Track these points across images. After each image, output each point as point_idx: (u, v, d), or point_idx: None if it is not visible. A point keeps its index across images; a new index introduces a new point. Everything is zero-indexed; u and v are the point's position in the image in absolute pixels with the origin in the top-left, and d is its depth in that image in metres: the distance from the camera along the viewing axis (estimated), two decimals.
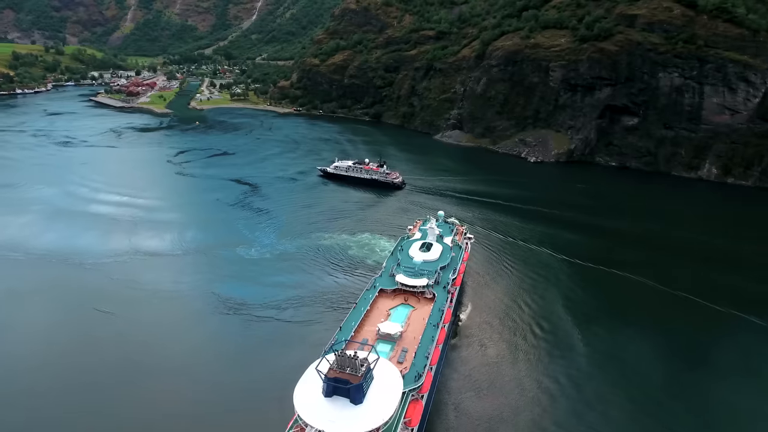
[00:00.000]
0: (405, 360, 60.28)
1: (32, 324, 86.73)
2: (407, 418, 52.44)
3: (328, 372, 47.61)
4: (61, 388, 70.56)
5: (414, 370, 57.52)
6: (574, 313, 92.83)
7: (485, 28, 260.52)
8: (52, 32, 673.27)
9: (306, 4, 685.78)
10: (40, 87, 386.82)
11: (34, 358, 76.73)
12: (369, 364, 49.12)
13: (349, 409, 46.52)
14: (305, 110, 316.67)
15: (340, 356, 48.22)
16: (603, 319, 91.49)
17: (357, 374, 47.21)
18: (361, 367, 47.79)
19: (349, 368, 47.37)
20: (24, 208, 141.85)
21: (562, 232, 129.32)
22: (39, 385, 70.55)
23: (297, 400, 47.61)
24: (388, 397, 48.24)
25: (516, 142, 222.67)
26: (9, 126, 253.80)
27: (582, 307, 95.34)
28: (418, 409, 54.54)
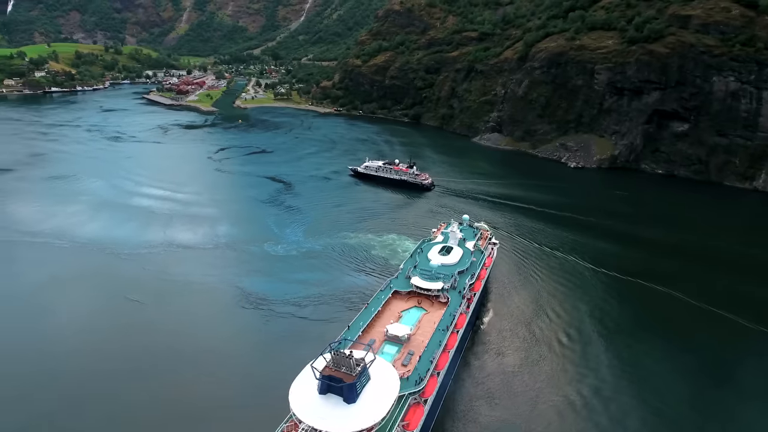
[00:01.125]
0: (410, 363, 59.56)
1: (67, 310, 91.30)
2: (406, 421, 51.78)
3: (323, 370, 47.77)
4: (82, 372, 73.80)
5: (416, 374, 56.71)
6: (600, 326, 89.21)
7: (529, 29, 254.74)
8: (113, 33, 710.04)
9: (353, 5, 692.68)
10: (99, 84, 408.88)
11: (63, 343, 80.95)
12: (365, 364, 48.81)
13: (342, 408, 46.43)
14: (345, 110, 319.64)
15: (336, 354, 48.28)
16: (631, 333, 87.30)
17: (351, 373, 47.13)
18: (356, 366, 47.61)
19: (344, 367, 47.31)
20: (73, 199, 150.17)
21: (596, 240, 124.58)
22: (62, 368, 74.29)
23: (292, 396, 48.01)
24: (382, 399, 47.81)
25: (556, 146, 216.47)
26: (67, 121, 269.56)
27: (610, 320, 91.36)
28: (418, 413, 53.74)
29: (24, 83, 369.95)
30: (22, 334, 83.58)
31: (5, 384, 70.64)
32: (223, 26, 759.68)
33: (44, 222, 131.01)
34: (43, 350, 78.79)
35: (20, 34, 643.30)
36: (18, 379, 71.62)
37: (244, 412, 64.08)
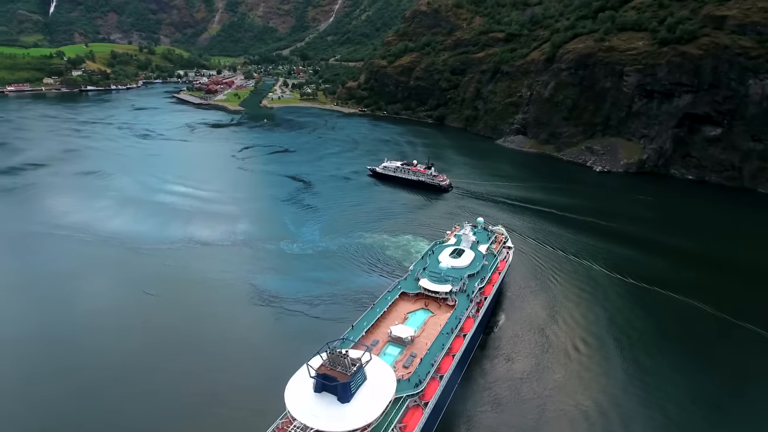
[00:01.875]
0: (411, 365, 59.10)
1: (83, 302, 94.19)
2: (403, 423, 51.40)
3: (318, 368, 47.80)
4: (85, 364, 75.94)
5: (416, 376, 56.17)
6: (617, 334, 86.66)
7: (557, 30, 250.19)
8: (149, 33, 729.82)
9: (382, 6, 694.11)
10: (132, 84, 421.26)
11: (74, 334, 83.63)
12: (361, 364, 48.60)
13: (335, 407, 46.37)
14: (370, 111, 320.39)
15: (332, 353, 48.24)
16: (648, 343, 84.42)
17: (346, 373, 47.03)
18: (351, 366, 47.50)
19: (339, 366, 47.25)
20: (100, 194, 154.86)
21: (617, 247, 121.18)
22: (68, 358, 76.88)
23: (288, 393, 48.24)
24: (377, 399, 47.51)
25: (582, 149, 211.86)
26: (100, 119, 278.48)
27: (627, 329, 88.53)
28: (417, 416, 53.25)
29: (62, 82, 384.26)
30: (38, 322, 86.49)
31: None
32: (253, 27, 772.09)
33: (72, 216, 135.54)
34: (53, 340, 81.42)
35: (61, 34, 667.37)
36: (28, 366, 74.19)
37: (244, 407, 64.58)
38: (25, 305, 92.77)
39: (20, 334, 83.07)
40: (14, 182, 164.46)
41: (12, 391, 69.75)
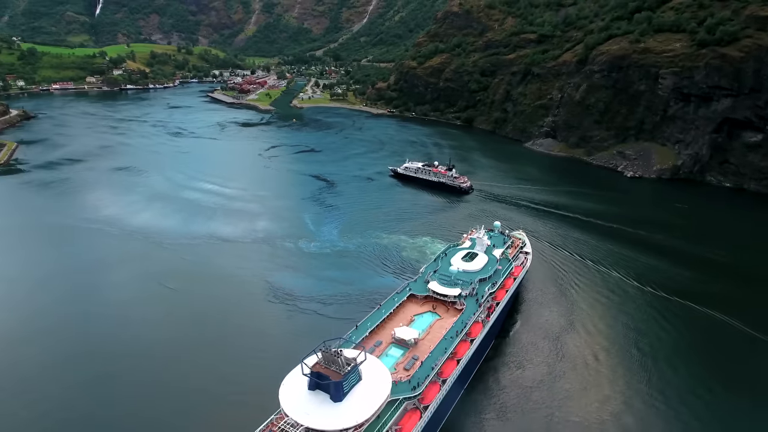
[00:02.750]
0: (412, 368, 58.52)
1: (102, 293, 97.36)
2: (399, 426, 50.94)
3: (313, 366, 47.84)
4: (103, 350, 78.50)
5: (414, 379, 55.54)
6: (636, 347, 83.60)
7: (591, 31, 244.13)
8: (188, 34, 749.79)
9: (415, 7, 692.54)
10: (169, 83, 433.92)
11: (94, 324, 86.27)
12: (355, 364, 48.39)
13: (327, 405, 46.35)
14: (398, 112, 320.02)
15: (326, 352, 48.20)
16: (669, 359, 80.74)
17: (339, 372, 46.90)
18: (345, 365, 47.39)
19: (333, 365, 47.14)
20: (130, 189, 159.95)
21: (642, 255, 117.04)
22: (87, 344, 79.50)
23: (282, 390, 48.50)
24: (370, 400, 47.20)
25: (613, 154, 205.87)
26: (136, 116, 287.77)
27: (648, 342, 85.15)
28: (414, 419, 52.76)
29: (103, 80, 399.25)
30: (65, 313, 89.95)
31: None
32: (288, 28, 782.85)
33: (102, 210, 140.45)
34: (73, 329, 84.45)
35: (105, 35, 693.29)
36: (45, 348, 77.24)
37: (246, 402, 64.93)
38: (55, 295, 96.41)
39: (45, 322, 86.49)
40: (52, 176, 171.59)
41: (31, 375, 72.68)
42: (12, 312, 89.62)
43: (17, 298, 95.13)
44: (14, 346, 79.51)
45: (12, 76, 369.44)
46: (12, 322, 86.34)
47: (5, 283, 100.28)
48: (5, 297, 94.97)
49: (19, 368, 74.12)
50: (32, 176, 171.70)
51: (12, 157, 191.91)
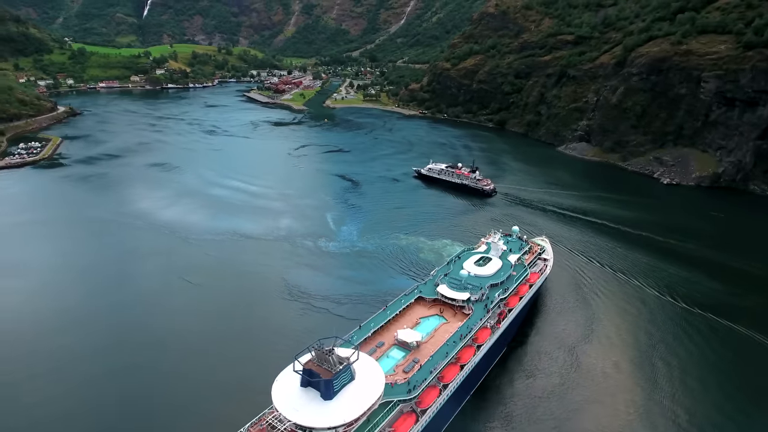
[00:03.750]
0: (411, 371, 57.97)
1: (131, 285, 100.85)
2: (392, 428, 50.58)
3: (305, 363, 48.10)
4: (129, 339, 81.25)
5: (411, 382, 54.94)
6: (658, 363, 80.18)
7: (631, 32, 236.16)
8: (229, 35, 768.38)
9: (453, 8, 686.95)
10: (208, 82, 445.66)
11: (116, 314, 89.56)
12: (348, 363, 48.33)
13: (317, 403, 46.50)
14: (430, 113, 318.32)
15: (319, 350, 48.32)
16: (693, 378, 76.80)
17: (330, 370, 46.97)
18: (337, 364, 47.46)
19: (325, 363, 47.28)
20: (161, 185, 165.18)
21: (672, 266, 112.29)
22: (106, 335, 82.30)
23: (276, 385, 49.01)
24: (360, 400, 47.03)
25: (650, 159, 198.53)
26: (174, 114, 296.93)
27: (671, 358, 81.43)
28: (409, 422, 52.34)
29: (146, 79, 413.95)
30: (88, 299, 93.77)
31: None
32: (326, 29, 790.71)
33: (133, 204, 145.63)
34: (97, 318, 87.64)
35: (152, 35, 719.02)
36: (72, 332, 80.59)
37: (245, 395, 65.43)
38: (84, 285, 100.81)
39: (67, 311, 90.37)
40: (91, 171, 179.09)
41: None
42: (45, 300, 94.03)
43: (52, 286, 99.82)
44: (52, 334, 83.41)
45: (62, 75, 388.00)
46: (45, 311, 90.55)
47: (41, 272, 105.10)
48: (41, 285, 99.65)
49: (54, 353, 77.73)
50: (72, 170, 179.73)
51: (56, 151, 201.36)
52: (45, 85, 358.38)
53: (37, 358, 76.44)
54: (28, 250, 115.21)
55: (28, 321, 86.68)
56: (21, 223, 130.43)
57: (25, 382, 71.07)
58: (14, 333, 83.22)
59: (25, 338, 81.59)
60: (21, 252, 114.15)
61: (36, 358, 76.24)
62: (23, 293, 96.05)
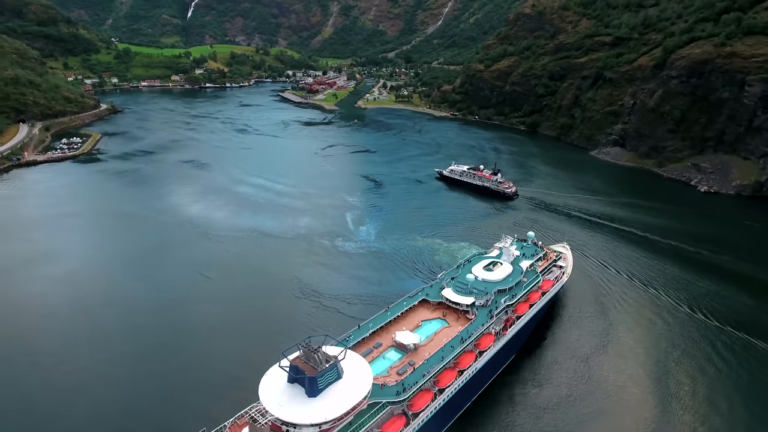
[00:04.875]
0: (405, 373, 57.24)
1: (143, 277, 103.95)
2: (380, 429, 50.13)
3: (293, 360, 48.28)
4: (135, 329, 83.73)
5: (401, 385, 54.27)
6: (674, 379, 76.59)
7: (672, 33, 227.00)
8: (268, 36, 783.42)
9: (491, 9, 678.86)
10: (245, 82, 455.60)
11: (134, 304, 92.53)
12: (335, 361, 48.20)
13: (302, 400, 46.54)
14: (461, 115, 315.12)
15: (307, 347, 48.36)
16: (718, 399, 72.48)
17: (316, 368, 46.86)
18: (324, 362, 47.39)
19: (311, 361, 47.28)
20: (189, 181, 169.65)
21: (701, 278, 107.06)
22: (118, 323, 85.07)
23: (264, 379, 49.37)
24: (344, 399, 46.80)
25: (687, 166, 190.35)
26: (209, 113, 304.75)
27: (693, 376, 77.41)
28: (398, 425, 51.79)
29: (186, 79, 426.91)
30: (104, 286, 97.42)
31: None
32: (363, 30, 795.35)
33: (160, 199, 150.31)
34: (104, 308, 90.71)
35: (195, 36, 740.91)
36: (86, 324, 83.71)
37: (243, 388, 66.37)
38: (104, 275, 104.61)
39: (95, 298, 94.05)
40: (125, 166, 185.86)
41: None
42: (70, 286, 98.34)
43: (79, 274, 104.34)
44: (69, 317, 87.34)
45: (108, 74, 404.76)
46: (69, 295, 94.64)
47: (71, 260, 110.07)
48: (70, 272, 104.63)
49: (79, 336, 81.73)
50: (108, 165, 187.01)
51: (95, 147, 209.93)
52: (91, 84, 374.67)
53: (50, 336, 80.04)
54: (62, 240, 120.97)
55: (52, 304, 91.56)
56: (56, 215, 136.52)
57: (42, 351, 74.42)
58: (41, 313, 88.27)
59: (48, 316, 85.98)
60: (55, 241, 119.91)
61: (48, 336, 79.88)
62: (55, 278, 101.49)
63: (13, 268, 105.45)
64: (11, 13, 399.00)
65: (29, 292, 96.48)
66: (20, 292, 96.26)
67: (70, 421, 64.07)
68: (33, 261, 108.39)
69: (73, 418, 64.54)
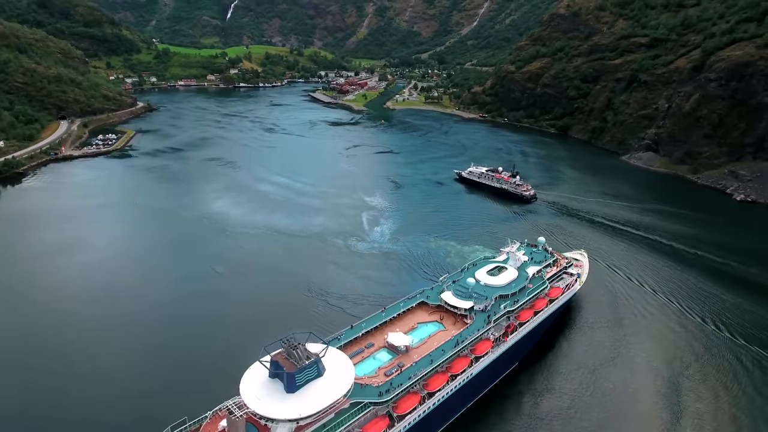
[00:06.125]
0: (392, 374, 56.55)
1: (156, 270, 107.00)
2: (360, 430, 49.77)
3: (275, 355, 48.59)
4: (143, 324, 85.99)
5: (385, 386, 53.58)
6: (686, 398, 72.84)
7: (712, 34, 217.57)
8: (304, 37, 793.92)
9: (528, 9, 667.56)
10: (277, 82, 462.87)
11: (146, 296, 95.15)
12: (314, 359, 48.07)
13: (279, 395, 46.72)
14: (490, 117, 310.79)
15: (288, 344, 48.45)
16: (726, 421, 68.88)
17: (296, 364, 46.88)
18: (304, 359, 47.43)
19: (291, 357, 47.35)
20: (213, 179, 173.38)
21: (727, 291, 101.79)
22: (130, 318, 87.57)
23: (248, 373, 49.80)
24: (322, 396, 46.66)
25: (724, 173, 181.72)
26: (239, 112, 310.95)
27: (702, 394, 73.63)
28: (380, 426, 51.26)
29: (220, 78, 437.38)
30: (118, 276, 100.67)
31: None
32: (398, 31, 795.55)
33: (182, 196, 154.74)
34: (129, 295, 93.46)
35: (233, 37, 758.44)
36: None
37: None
38: (120, 265, 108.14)
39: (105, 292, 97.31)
40: (153, 163, 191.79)
41: None
42: (87, 273, 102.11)
43: (97, 263, 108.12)
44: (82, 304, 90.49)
45: (147, 73, 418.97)
46: (83, 282, 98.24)
47: (93, 250, 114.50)
48: (91, 262, 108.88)
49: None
50: (138, 161, 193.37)
51: (128, 143, 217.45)
52: (131, 83, 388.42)
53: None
54: (87, 231, 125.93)
55: (71, 290, 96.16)
56: (85, 207, 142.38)
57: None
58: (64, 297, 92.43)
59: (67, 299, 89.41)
60: (81, 232, 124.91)
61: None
62: (76, 267, 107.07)
63: (42, 257, 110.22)
64: (60, 15, 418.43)
65: (55, 278, 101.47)
66: (48, 279, 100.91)
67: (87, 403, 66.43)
68: (60, 250, 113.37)
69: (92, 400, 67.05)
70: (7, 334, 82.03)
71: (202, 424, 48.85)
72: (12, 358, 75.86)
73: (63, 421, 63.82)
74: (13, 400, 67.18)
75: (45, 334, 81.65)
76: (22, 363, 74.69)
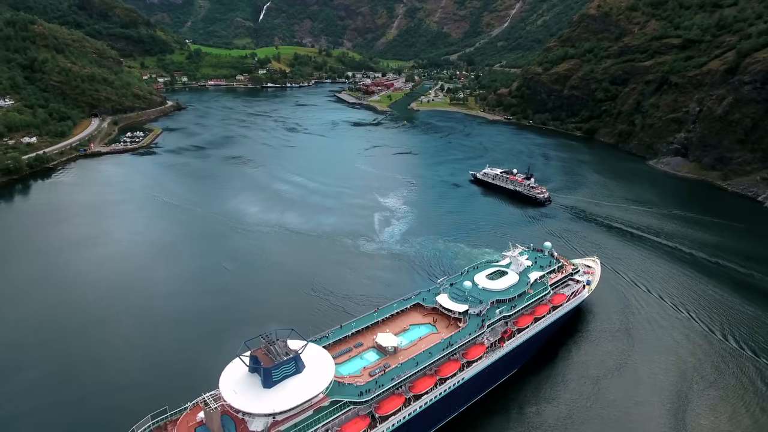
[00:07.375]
0: (376, 374, 56.08)
1: (173, 261, 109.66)
2: (339, 428, 49.71)
3: (254, 350, 48.82)
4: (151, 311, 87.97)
5: (366, 386, 53.14)
6: (691, 413, 69.99)
7: (748, 35, 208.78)
8: (334, 38, 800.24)
9: (561, 10, 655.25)
10: (304, 82, 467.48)
11: (153, 289, 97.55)
12: (293, 355, 48.18)
13: (256, 389, 47.03)
14: (515, 119, 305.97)
15: (268, 339, 48.80)
16: None
17: (273, 359, 47.10)
18: (282, 355, 47.59)
19: (270, 353, 47.56)
20: (230, 177, 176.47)
21: (747, 303, 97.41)
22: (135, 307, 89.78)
23: (228, 367, 50.31)
24: (298, 393, 46.71)
25: (756, 180, 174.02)
26: (263, 111, 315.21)
27: (709, 409, 70.76)
28: (359, 426, 50.93)
29: (249, 78, 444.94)
30: (130, 268, 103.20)
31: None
32: (428, 32, 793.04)
33: (199, 193, 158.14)
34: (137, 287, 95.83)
35: (265, 38, 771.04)
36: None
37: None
38: (132, 257, 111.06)
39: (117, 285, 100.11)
40: (176, 160, 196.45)
41: None
42: (108, 267, 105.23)
43: (114, 256, 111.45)
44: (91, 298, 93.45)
45: (179, 73, 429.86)
46: (99, 273, 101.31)
47: (109, 243, 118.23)
48: (109, 254, 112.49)
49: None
50: (162, 158, 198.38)
51: (154, 141, 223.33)
52: (163, 82, 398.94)
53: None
54: (107, 224, 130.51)
55: (88, 282, 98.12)
56: (106, 202, 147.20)
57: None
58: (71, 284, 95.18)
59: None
60: (101, 226, 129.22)
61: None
62: (97, 258, 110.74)
63: (69, 246, 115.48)
64: (99, 16, 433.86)
65: (73, 268, 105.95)
66: (67, 268, 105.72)
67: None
68: (83, 241, 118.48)
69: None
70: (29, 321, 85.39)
71: (182, 414, 49.54)
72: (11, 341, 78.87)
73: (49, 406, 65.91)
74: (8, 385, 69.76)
75: (49, 321, 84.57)
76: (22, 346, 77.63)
